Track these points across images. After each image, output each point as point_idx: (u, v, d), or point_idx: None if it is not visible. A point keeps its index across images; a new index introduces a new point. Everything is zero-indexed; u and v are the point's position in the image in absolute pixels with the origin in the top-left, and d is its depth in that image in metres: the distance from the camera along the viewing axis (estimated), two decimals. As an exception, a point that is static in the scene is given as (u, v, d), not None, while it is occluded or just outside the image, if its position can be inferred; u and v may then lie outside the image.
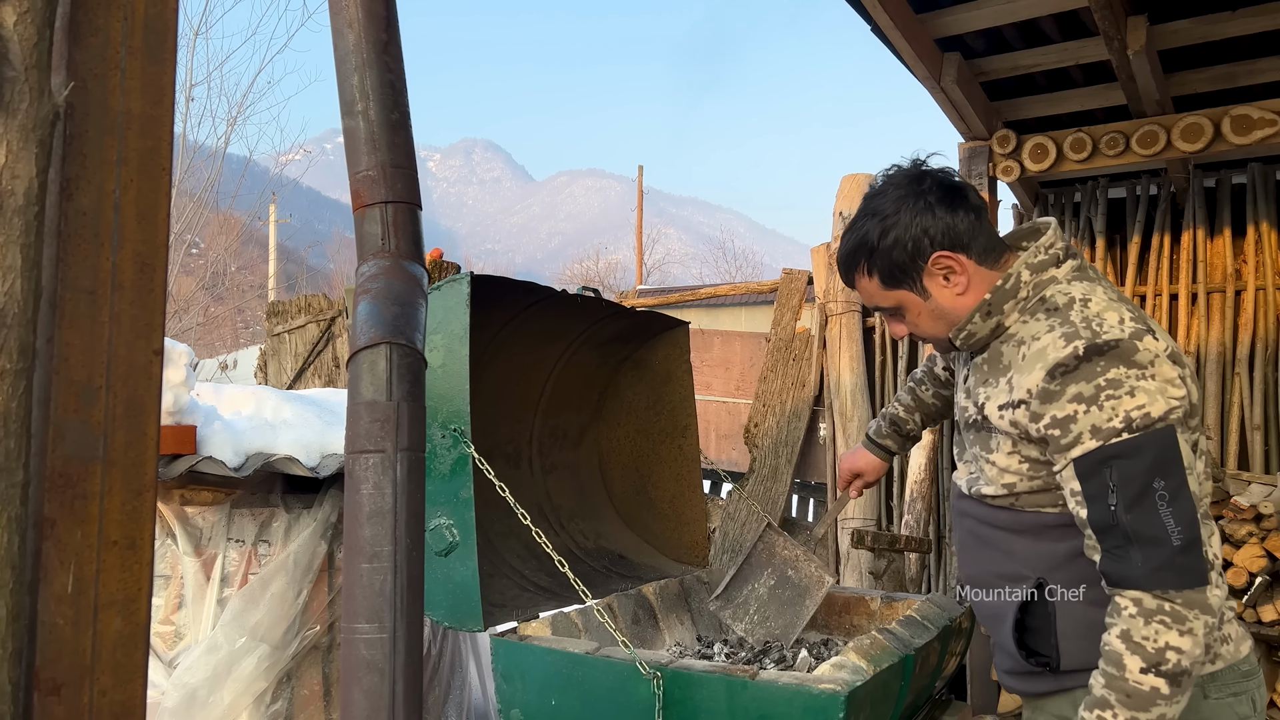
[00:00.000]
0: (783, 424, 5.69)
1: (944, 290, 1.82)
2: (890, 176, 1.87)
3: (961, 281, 1.80)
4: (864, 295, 1.93)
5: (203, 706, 2.85)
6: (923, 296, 1.84)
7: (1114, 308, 1.68)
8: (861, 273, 1.88)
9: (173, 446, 2.85)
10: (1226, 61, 4.02)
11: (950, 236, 1.78)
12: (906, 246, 1.79)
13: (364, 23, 1.63)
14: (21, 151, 0.92)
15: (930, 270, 1.80)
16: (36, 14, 0.93)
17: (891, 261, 1.81)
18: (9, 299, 0.91)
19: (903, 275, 1.82)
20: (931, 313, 1.85)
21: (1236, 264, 4.73)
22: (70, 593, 1.02)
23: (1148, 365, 1.59)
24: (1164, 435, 1.56)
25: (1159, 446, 1.56)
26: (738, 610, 2.80)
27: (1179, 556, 1.53)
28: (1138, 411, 1.57)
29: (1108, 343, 1.61)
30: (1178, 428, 1.57)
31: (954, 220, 1.78)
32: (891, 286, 1.85)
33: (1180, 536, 1.53)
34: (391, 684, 1.42)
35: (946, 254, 1.78)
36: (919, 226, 1.78)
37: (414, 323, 1.58)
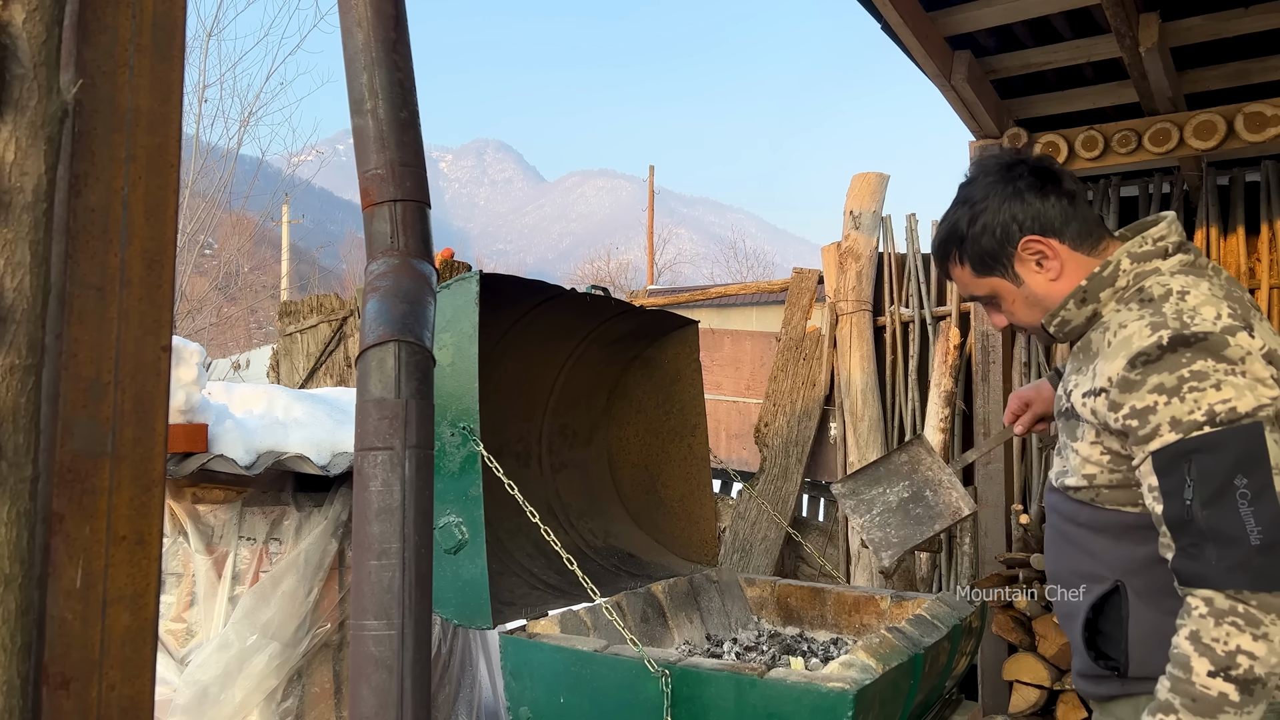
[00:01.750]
0: (793, 423, 5.68)
1: (1037, 276, 1.79)
2: (982, 163, 1.86)
3: (1055, 267, 1.77)
4: (959, 285, 1.92)
5: (214, 704, 2.87)
6: (1015, 283, 1.82)
7: (1214, 303, 1.60)
8: (954, 262, 1.87)
9: (184, 445, 2.86)
10: (1240, 58, 3.99)
11: (1040, 221, 1.76)
12: (995, 232, 1.78)
13: (373, 22, 1.64)
14: (30, 148, 0.93)
15: (1021, 256, 1.78)
16: (45, 11, 0.94)
17: (981, 248, 1.80)
18: (18, 295, 0.92)
19: (993, 262, 1.81)
20: (1025, 299, 1.82)
21: (1250, 262, 4.70)
22: (79, 587, 1.02)
23: (1238, 361, 1.53)
24: (1250, 432, 1.49)
25: (1244, 443, 1.49)
26: (859, 505, 2.67)
27: (1258, 557, 1.45)
28: (1222, 405, 1.50)
29: (1196, 334, 1.55)
30: (1267, 425, 1.49)
31: (1044, 206, 1.76)
32: (983, 274, 1.84)
33: (1260, 536, 1.45)
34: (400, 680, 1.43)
35: (1037, 238, 1.76)
36: (1007, 212, 1.76)
37: (423, 320, 1.59)
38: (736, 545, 5.52)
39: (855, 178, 5.65)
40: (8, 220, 0.92)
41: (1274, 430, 1.51)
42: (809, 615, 3.11)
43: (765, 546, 5.45)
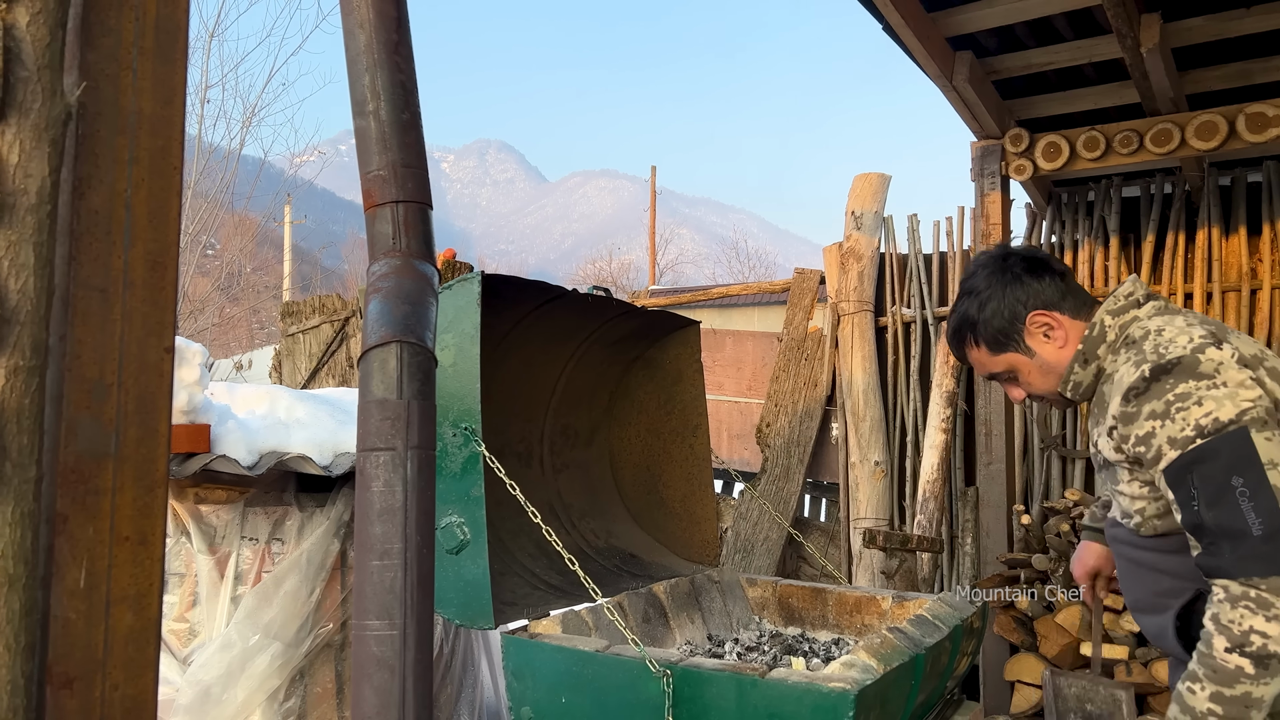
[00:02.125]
0: (795, 424, 5.68)
1: (1046, 346, 2.01)
2: (978, 260, 2.11)
3: (1060, 335, 1.99)
4: (977, 366, 2.12)
5: (216, 704, 2.87)
6: (1029, 355, 2.03)
7: (1186, 331, 1.81)
8: (970, 345, 2.08)
9: (187, 445, 2.87)
10: (1241, 59, 3.99)
11: (1041, 298, 1.99)
12: (1004, 313, 2.01)
13: (375, 24, 1.64)
14: (34, 151, 0.93)
15: (1030, 330, 2.00)
16: (49, 15, 0.94)
17: (994, 329, 2.02)
18: (22, 297, 0.92)
19: (1006, 339, 2.02)
20: (1040, 369, 2.03)
21: (1252, 263, 4.70)
22: (82, 587, 1.03)
23: (1213, 374, 1.72)
24: (1237, 436, 1.66)
25: (1233, 446, 1.66)
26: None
27: (1262, 545, 1.61)
28: (1206, 418, 1.69)
29: (1172, 361, 1.76)
30: (1252, 428, 1.66)
31: (1041, 285, 2.00)
32: (999, 351, 2.05)
33: (1261, 527, 1.62)
34: (402, 680, 1.43)
35: (1041, 312, 1.99)
36: (1012, 295, 2.00)
37: (424, 321, 1.59)
38: (738, 545, 5.52)
39: (857, 178, 5.65)
40: (12, 222, 0.92)
41: (1260, 430, 1.67)
42: (810, 615, 3.12)
43: (767, 547, 5.46)
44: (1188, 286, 4.78)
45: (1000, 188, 4.51)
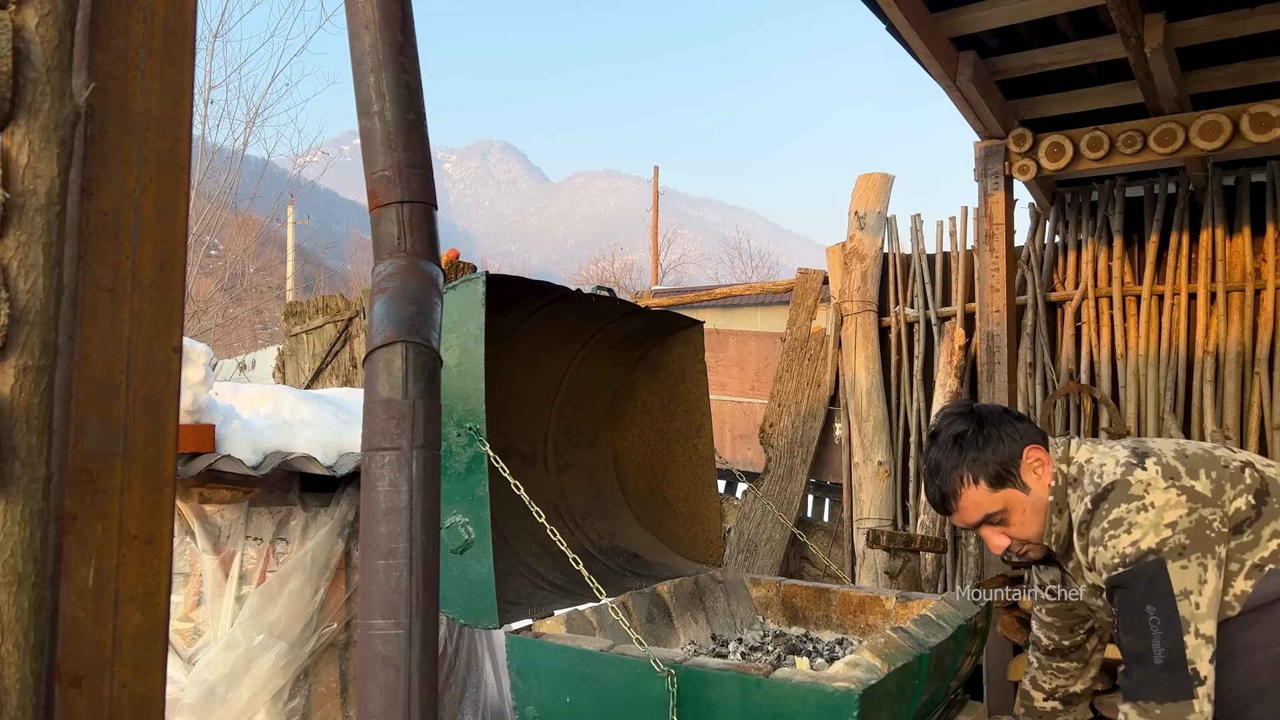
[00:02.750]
0: (798, 424, 5.68)
1: (1038, 482, 2.08)
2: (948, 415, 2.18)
3: (1047, 472, 2.07)
4: (970, 510, 2.12)
5: (221, 703, 2.88)
6: (1024, 491, 2.07)
7: (1110, 456, 1.97)
8: (968, 484, 2.09)
9: (191, 445, 2.87)
10: (1245, 59, 3.98)
11: (1029, 436, 2.09)
12: (1005, 448, 2.07)
13: (380, 25, 1.65)
14: (43, 151, 0.94)
15: (1025, 465, 2.07)
16: (58, 16, 0.95)
17: (997, 463, 2.06)
18: (31, 297, 0.93)
19: (1006, 474, 2.07)
20: (1033, 507, 2.08)
21: (1256, 263, 4.70)
22: (91, 586, 1.03)
23: (1142, 495, 1.86)
24: (1153, 568, 1.81)
25: (1148, 577, 1.81)
26: None
27: (1160, 673, 1.78)
28: (1131, 548, 1.84)
29: (1106, 487, 1.92)
30: (1169, 559, 1.80)
31: (1023, 425, 2.11)
32: (998, 488, 2.08)
33: (1164, 656, 1.78)
34: (407, 679, 1.44)
35: (1035, 447, 2.08)
36: (1007, 432, 2.08)
37: (429, 321, 1.60)
38: (741, 545, 5.52)
39: (860, 178, 5.65)
40: (21, 223, 0.93)
41: (1176, 560, 1.81)
42: (814, 615, 3.12)
43: (770, 547, 5.46)
44: (1191, 287, 4.78)
45: (1004, 188, 4.51)
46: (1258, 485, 1.91)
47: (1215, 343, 4.67)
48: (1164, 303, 4.84)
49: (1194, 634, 1.79)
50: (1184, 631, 1.78)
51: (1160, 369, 4.74)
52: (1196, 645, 1.78)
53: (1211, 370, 4.65)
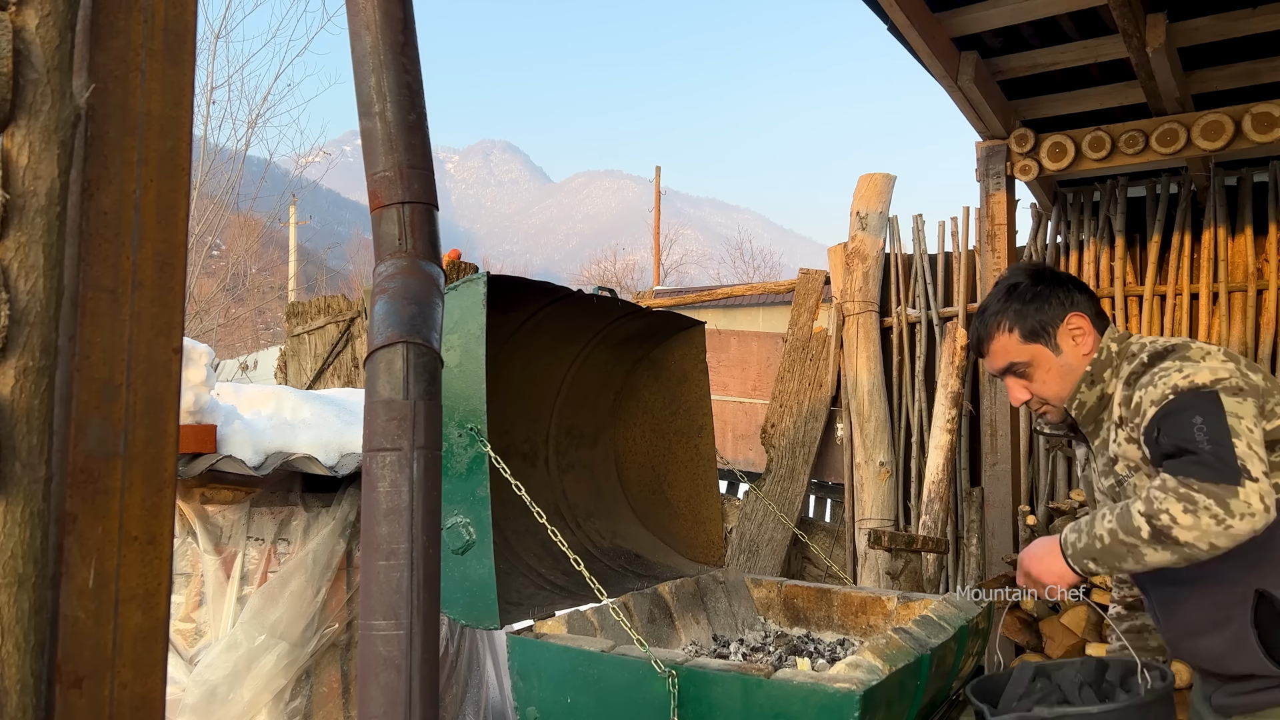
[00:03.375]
0: (800, 424, 5.68)
1: (1074, 349, 2.09)
2: (1018, 265, 2.23)
3: (1086, 344, 2.09)
4: (998, 355, 2.16)
5: (223, 703, 2.88)
6: (1055, 353, 2.10)
7: (1179, 339, 1.96)
8: (1003, 330, 2.13)
9: (193, 445, 2.87)
10: (1247, 59, 3.98)
11: (1080, 305, 2.11)
12: (1047, 307, 2.10)
13: (381, 25, 1.65)
14: (44, 152, 0.94)
15: (1064, 329, 2.09)
16: (59, 17, 0.95)
17: (1035, 319, 2.10)
18: (31, 298, 0.93)
19: (1041, 331, 2.10)
20: (1060, 369, 2.10)
21: (1258, 263, 4.69)
22: (91, 587, 1.03)
23: (1200, 359, 1.86)
24: (1207, 396, 1.77)
25: (1201, 402, 1.77)
26: None
27: (1206, 456, 1.71)
28: (1184, 380, 1.81)
29: (1168, 348, 1.93)
30: (1223, 393, 1.77)
31: (1079, 295, 2.12)
32: (1030, 341, 2.11)
33: (1209, 446, 1.71)
34: (408, 680, 1.43)
35: (1080, 315, 2.09)
36: (1056, 295, 2.11)
37: (431, 322, 1.59)
38: (743, 546, 5.52)
39: (862, 178, 5.65)
40: (22, 223, 0.93)
41: (1231, 395, 1.77)
42: (815, 616, 3.12)
43: (772, 547, 5.46)
44: (1194, 287, 4.77)
45: (1005, 188, 4.51)
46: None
47: (1217, 343, 4.66)
48: (1166, 303, 4.84)
49: (1245, 445, 1.69)
50: (1234, 437, 1.69)
51: (1162, 369, 4.73)
52: (1248, 453, 1.68)
53: (1214, 370, 4.64)
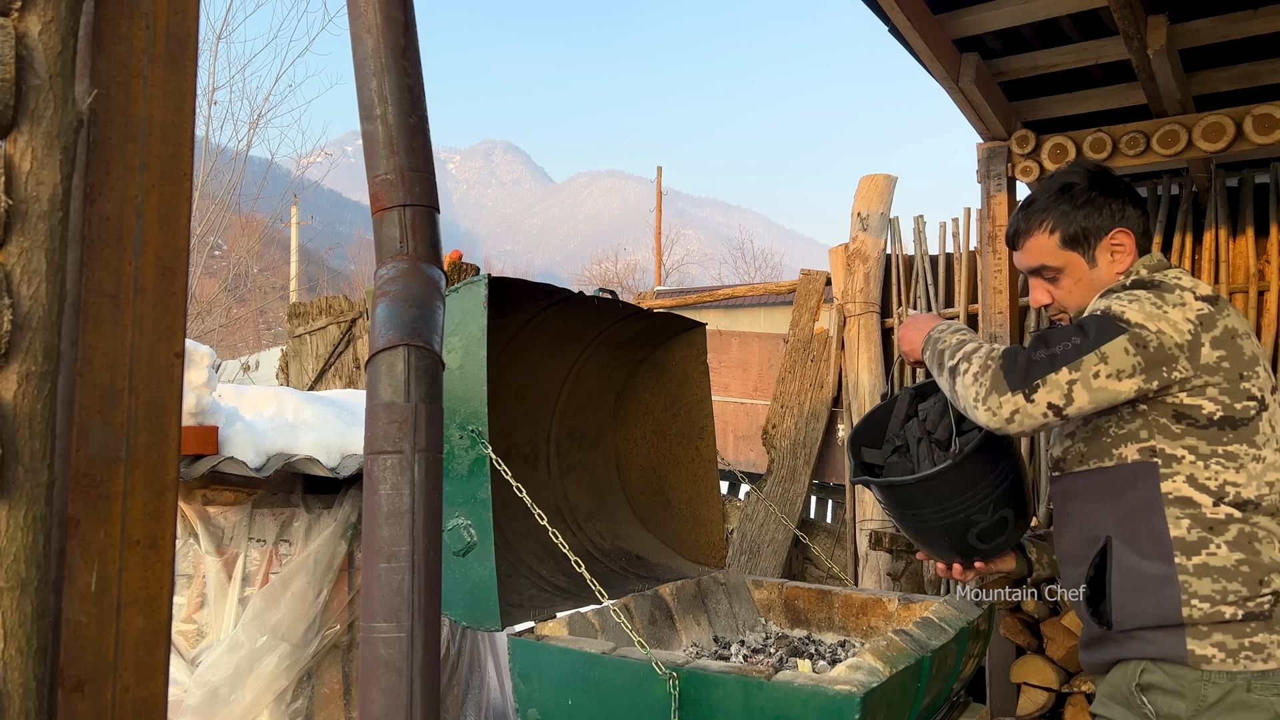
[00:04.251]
0: (801, 425, 5.68)
1: (1109, 265, 2.03)
2: (1080, 162, 2.16)
3: (1125, 261, 2.02)
4: (1032, 253, 2.10)
5: (224, 704, 2.88)
6: (1090, 264, 2.04)
7: (1193, 282, 1.90)
8: (1044, 229, 2.06)
9: (195, 447, 2.88)
10: (1249, 60, 3.98)
11: (1130, 221, 2.03)
12: (1096, 216, 2.02)
13: (382, 28, 1.65)
14: (46, 158, 0.94)
15: (1106, 243, 2.02)
16: (61, 23, 0.95)
17: (1080, 225, 2.03)
18: (34, 303, 0.93)
19: (1083, 239, 2.03)
20: (1090, 281, 2.05)
21: (1260, 264, 4.69)
22: (94, 591, 1.03)
23: (1169, 305, 1.82)
24: (1113, 326, 1.80)
25: (1100, 329, 1.80)
26: None
27: (1032, 358, 1.82)
28: (1120, 308, 1.83)
29: (1152, 280, 1.90)
30: (1128, 333, 1.79)
31: (1134, 211, 2.04)
32: (1068, 247, 2.05)
33: (1044, 354, 1.81)
34: (410, 683, 1.44)
35: (1125, 231, 2.02)
36: (1109, 206, 2.03)
37: (432, 325, 1.60)
38: (744, 547, 5.52)
39: (863, 179, 5.65)
40: (24, 229, 0.93)
41: (1130, 340, 1.79)
42: (816, 617, 3.12)
43: (773, 549, 5.45)
44: (1195, 288, 4.77)
45: (1007, 189, 4.51)
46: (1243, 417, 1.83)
47: (1219, 344, 4.66)
48: (1167, 304, 4.84)
49: (1067, 380, 1.79)
50: (1068, 367, 1.79)
51: (1163, 370, 4.73)
52: (1059, 383, 1.79)
53: (1215, 372, 4.64)
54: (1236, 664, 1.76)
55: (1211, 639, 1.78)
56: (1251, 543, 1.80)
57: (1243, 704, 1.76)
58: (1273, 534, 1.81)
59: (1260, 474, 1.82)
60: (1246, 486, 1.81)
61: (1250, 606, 1.78)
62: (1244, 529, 1.80)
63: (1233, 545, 1.80)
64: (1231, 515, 1.81)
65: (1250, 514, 1.81)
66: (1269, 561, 1.79)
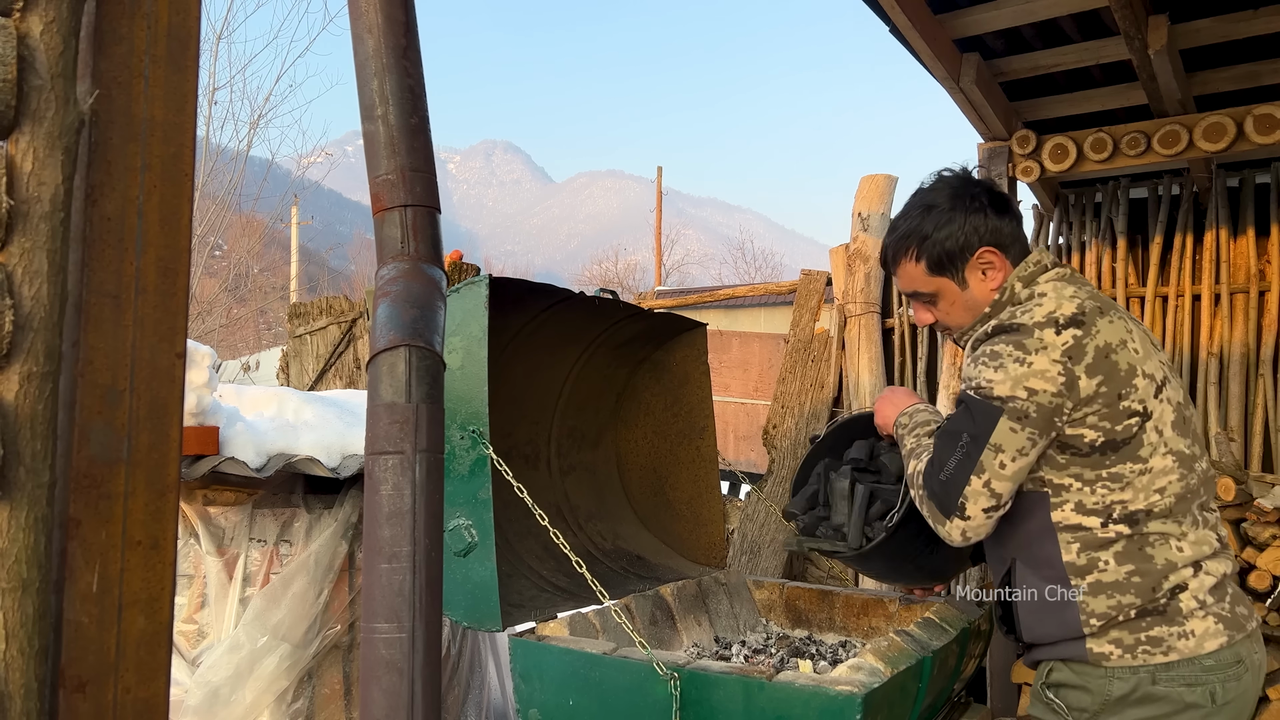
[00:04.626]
0: (801, 425, 5.68)
1: (981, 284, 2.02)
2: (943, 176, 2.09)
3: (997, 278, 2.01)
4: (904, 280, 2.10)
5: (225, 705, 2.88)
6: (961, 286, 2.03)
7: (1058, 301, 1.88)
8: (910, 257, 2.06)
9: (196, 447, 2.88)
10: (1249, 60, 3.98)
11: (996, 236, 2.00)
12: (959, 238, 1.99)
13: (383, 28, 1.65)
14: (48, 158, 0.94)
15: (974, 263, 2.01)
16: (62, 23, 0.95)
17: (943, 250, 2.01)
18: (35, 303, 0.93)
19: (949, 264, 2.02)
20: (965, 303, 2.05)
21: (1260, 264, 4.69)
22: (95, 592, 1.03)
23: (1032, 351, 1.83)
24: (990, 412, 1.84)
25: (982, 417, 1.85)
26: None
27: (940, 485, 1.90)
28: (987, 383, 1.85)
29: (1012, 325, 1.87)
30: (1006, 416, 1.83)
31: (1000, 223, 2.01)
32: (936, 273, 2.04)
33: (948, 475, 1.89)
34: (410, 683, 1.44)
35: (991, 250, 1.99)
36: (971, 224, 1.99)
37: (433, 325, 1.60)
38: (745, 547, 5.52)
39: (863, 180, 5.65)
40: (26, 229, 0.93)
41: (1011, 419, 1.83)
42: (817, 618, 3.12)
43: (773, 549, 5.45)
44: (1195, 288, 4.77)
45: (1007, 189, 4.50)
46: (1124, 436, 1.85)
47: (1219, 345, 4.66)
48: (1168, 304, 4.84)
49: (983, 483, 1.84)
50: (975, 474, 1.84)
51: (1164, 371, 4.72)
52: (978, 491, 1.84)
53: (1216, 372, 4.64)
54: (1135, 658, 1.82)
55: (1108, 636, 1.84)
56: (1142, 549, 1.84)
57: (1150, 697, 1.81)
58: (1166, 534, 1.85)
59: (1148, 485, 1.85)
60: (1135, 500, 1.85)
61: (1146, 605, 1.84)
62: (1132, 541, 1.85)
63: (1121, 559, 1.85)
64: (1121, 532, 1.85)
65: (1141, 524, 1.85)
66: (1163, 564, 1.84)
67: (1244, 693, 1.85)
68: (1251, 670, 1.87)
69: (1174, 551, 1.84)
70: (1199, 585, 1.83)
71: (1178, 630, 1.82)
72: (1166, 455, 1.86)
